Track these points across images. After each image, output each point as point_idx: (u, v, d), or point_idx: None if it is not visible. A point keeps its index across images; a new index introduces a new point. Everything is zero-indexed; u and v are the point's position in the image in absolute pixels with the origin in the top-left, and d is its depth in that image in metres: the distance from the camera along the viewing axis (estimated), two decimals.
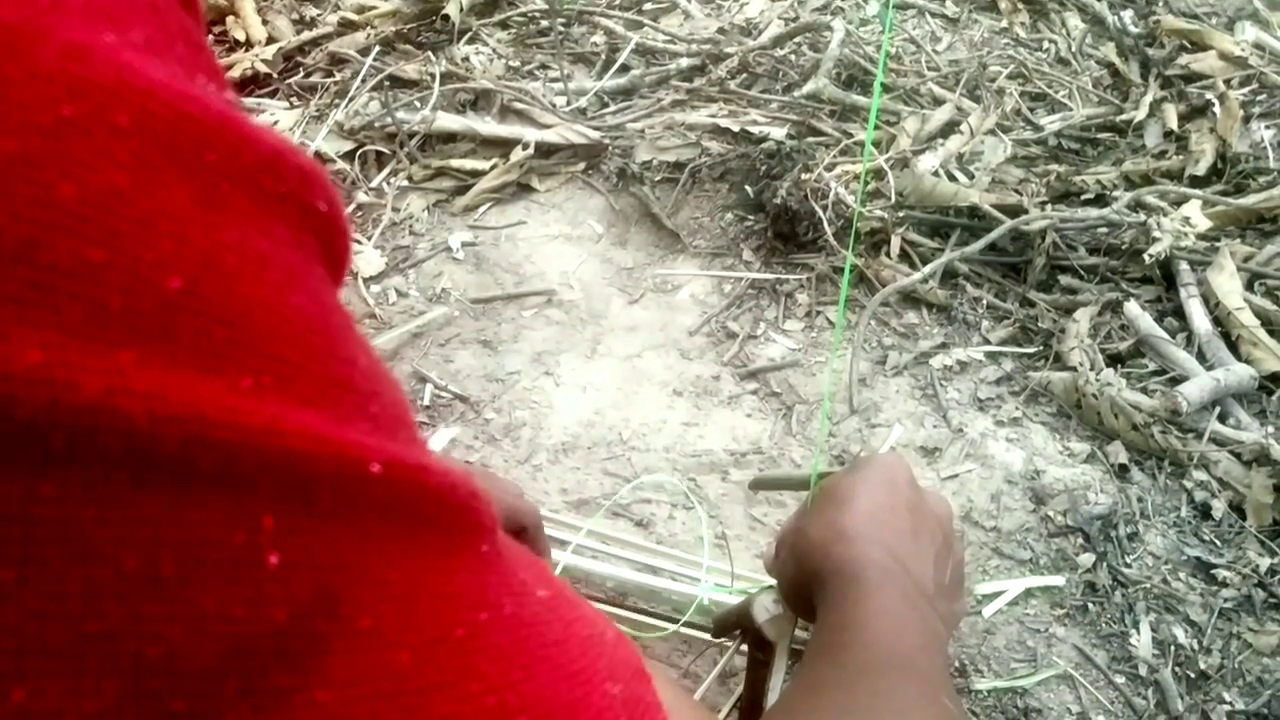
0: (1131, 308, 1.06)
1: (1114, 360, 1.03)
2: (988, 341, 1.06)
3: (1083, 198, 1.22)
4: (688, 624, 0.72)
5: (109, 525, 0.18)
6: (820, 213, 1.12)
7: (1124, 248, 1.14)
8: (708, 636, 0.73)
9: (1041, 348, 1.05)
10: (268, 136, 0.22)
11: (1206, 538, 0.88)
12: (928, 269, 1.09)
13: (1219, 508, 0.90)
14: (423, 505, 0.23)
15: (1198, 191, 1.20)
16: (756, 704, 0.66)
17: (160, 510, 0.18)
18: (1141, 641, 0.81)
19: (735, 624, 0.69)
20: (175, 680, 0.18)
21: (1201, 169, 1.24)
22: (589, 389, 0.99)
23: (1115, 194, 1.20)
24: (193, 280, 0.19)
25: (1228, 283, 1.07)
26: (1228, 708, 0.78)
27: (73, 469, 0.17)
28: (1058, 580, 0.84)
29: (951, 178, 1.21)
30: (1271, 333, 1.04)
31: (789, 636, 0.66)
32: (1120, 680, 0.79)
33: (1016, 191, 1.18)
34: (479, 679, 0.23)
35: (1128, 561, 0.86)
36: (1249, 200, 1.19)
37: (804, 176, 1.13)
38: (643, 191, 1.19)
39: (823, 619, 0.52)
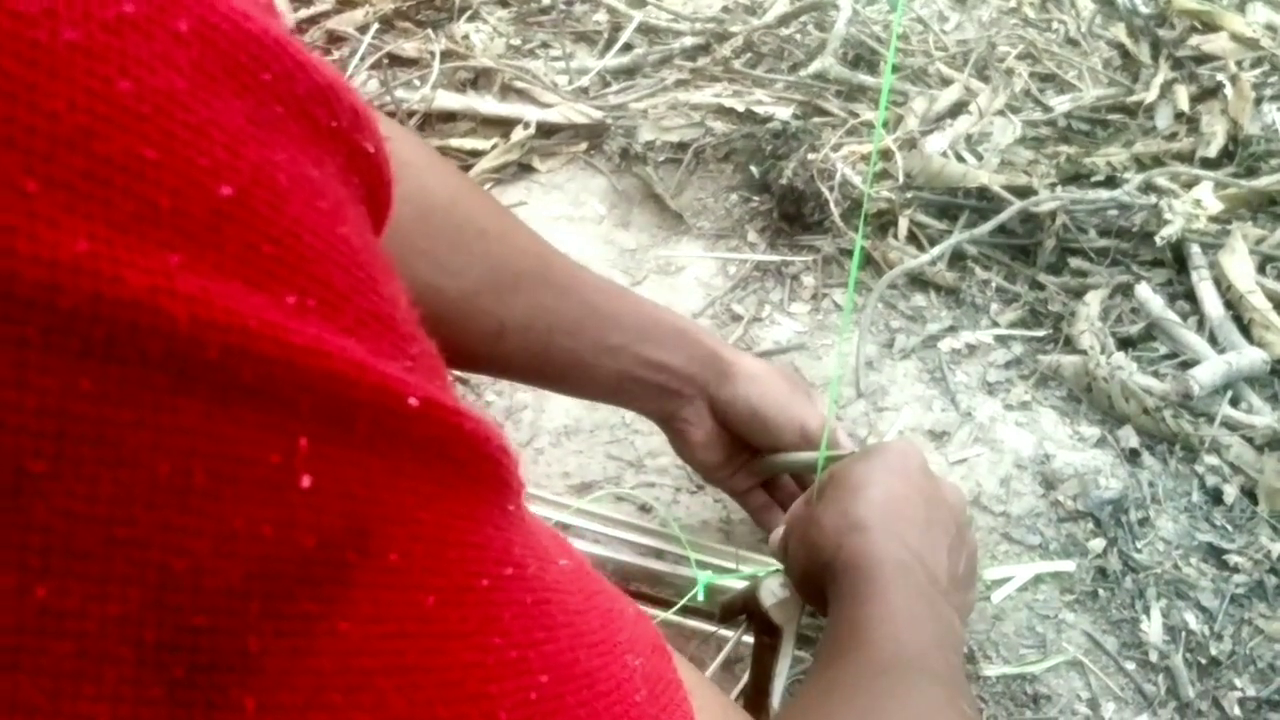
0: (1143, 290, 1.04)
1: (1125, 343, 1.02)
2: (996, 324, 1.05)
3: (1093, 179, 1.21)
4: (693, 611, 0.71)
5: (145, 429, 0.17)
6: (826, 194, 1.10)
7: (1135, 230, 1.13)
8: (710, 626, 0.72)
9: (1051, 331, 1.04)
10: (324, 69, 0.22)
11: (1218, 523, 0.87)
12: (935, 251, 1.07)
13: (1231, 493, 0.88)
14: (456, 449, 0.22)
15: (1209, 173, 1.18)
16: (763, 690, 0.65)
17: (197, 419, 0.18)
18: (1152, 627, 0.80)
19: (741, 608, 0.68)
20: (199, 595, 0.18)
21: (1213, 151, 1.22)
22: None
23: (1126, 176, 1.19)
24: (243, 191, 0.19)
25: (1240, 265, 1.06)
26: (1239, 694, 0.76)
27: (111, 366, 0.17)
28: (1068, 566, 0.83)
29: (960, 159, 1.19)
30: None
31: (796, 621, 0.65)
32: (1130, 666, 0.78)
33: (1026, 173, 1.16)
34: (502, 633, 0.23)
35: (1138, 547, 0.85)
36: (1261, 182, 1.17)
37: (810, 157, 1.12)
38: (646, 172, 1.17)
39: (836, 614, 0.51)
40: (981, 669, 0.77)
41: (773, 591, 0.65)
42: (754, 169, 1.16)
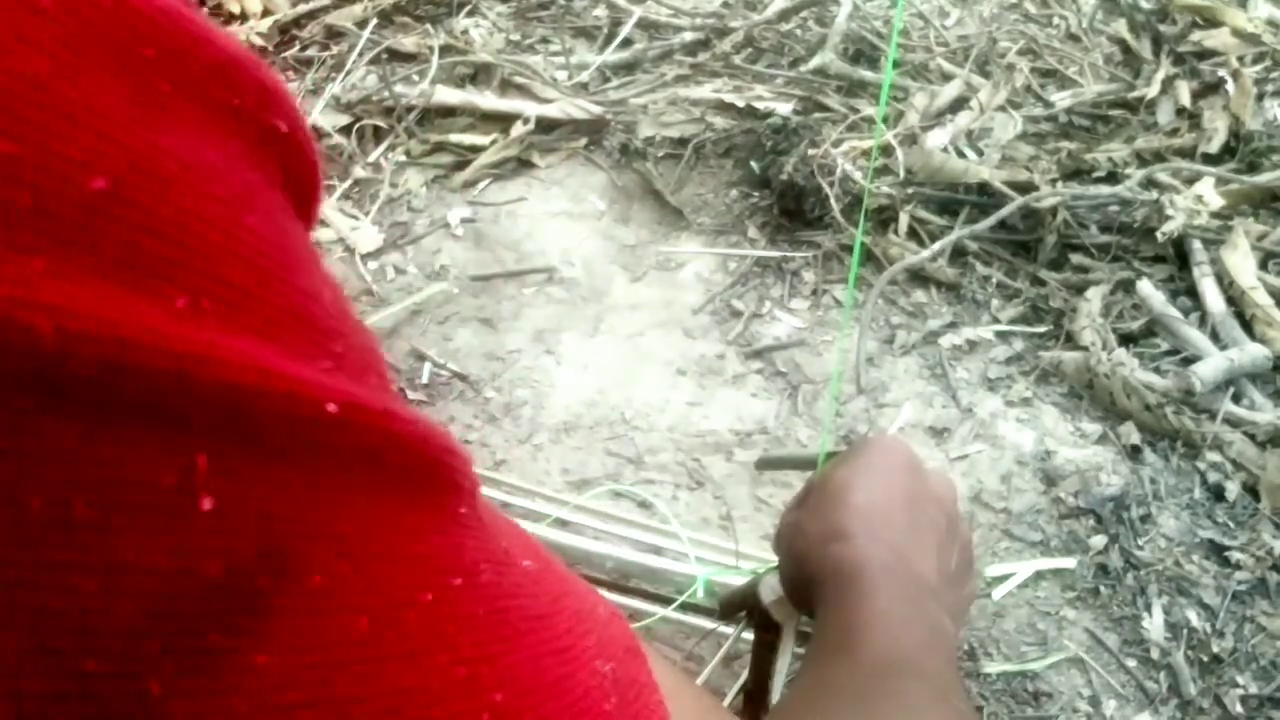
0: (1144, 286, 1.04)
1: (1126, 340, 1.01)
2: (997, 320, 1.04)
3: (1094, 175, 1.20)
4: (693, 607, 0.71)
5: (12, 458, 0.15)
6: (827, 189, 1.10)
7: (1136, 226, 1.12)
8: (709, 623, 0.71)
9: (1052, 327, 1.03)
10: (223, 42, 0.19)
11: (1220, 520, 0.86)
12: (936, 246, 1.07)
13: (1232, 489, 0.88)
14: (388, 454, 0.20)
15: (1211, 169, 1.18)
16: (763, 687, 0.65)
17: (74, 443, 0.16)
18: (1154, 624, 0.79)
19: (741, 605, 0.68)
20: (87, 638, 0.16)
21: (1214, 147, 1.21)
22: (591, 368, 0.97)
23: (1127, 171, 1.18)
24: (119, 182, 0.16)
25: (1241, 261, 1.05)
26: (1240, 691, 0.76)
27: None
28: (1069, 562, 0.83)
29: (961, 154, 1.19)
30: None
31: (796, 618, 0.65)
32: (1132, 664, 0.78)
33: (1027, 168, 1.16)
34: (448, 649, 0.21)
35: (1140, 544, 0.84)
36: (1263, 178, 1.17)
37: (810, 153, 1.11)
38: (645, 168, 1.17)
39: (823, 620, 0.51)
40: (982, 666, 0.77)
41: (772, 588, 0.64)
42: (754, 165, 1.16)
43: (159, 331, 0.16)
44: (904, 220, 1.12)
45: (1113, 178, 1.19)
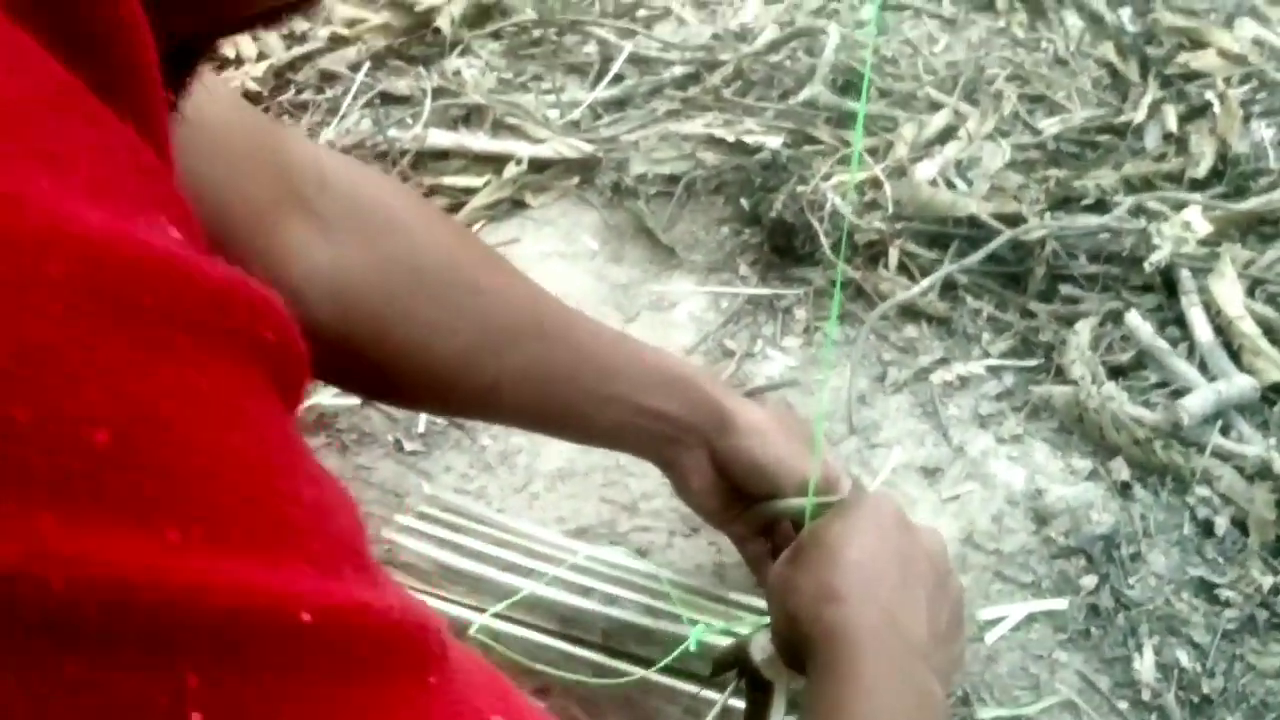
0: (1132, 318, 1.05)
1: (1116, 372, 1.02)
2: (989, 354, 1.05)
3: (1082, 203, 1.21)
4: (684, 673, 0.72)
5: (30, 693, 0.17)
6: (816, 225, 1.11)
7: (1125, 255, 1.13)
8: (695, 687, 0.72)
9: (1043, 360, 1.04)
10: (215, 272, 0.22)
11: (1209, 556, 0.87)
12: (926, 282, 1.08)
13: (1221, 524, 0.89)
14: (359, 648, 0.22)
15: (1198, 196, 1.19)
16: None
17: (81, 674, 0.18)
18: (1145, 665, 0.80)
19: (732, 663, 0.69)
20: None
21: (1201, 171, 1.22)
22: None
23: (1116, 199, 1.19)
24: (122, 433, 0.19)
25: (1229, 290, 1.06)
26: None
27: None
28: (1060, 604, 0.84)
29: (950, 185, 1.20)
30: (1273, 341, 1.03)
31: (787, 676, 0.66)
32: (1124, 706, 0.79)
33: (1015, 199, 1.17)
34: None
35: (1130, 583, 0.85)
36: (1249, 204, 1.18)
37: (799, 189, 1.12)
38: (637, 206, 1.18)
39: (814, 688, 0.52)
40: (975, 712, 0.78)
41: (763, 647, 0.65)
42: (744, 202, 1.17)
43: (155, 566, 0.18)
44: (894, 255, 1.13)
45: (1101, 205, 1.20)
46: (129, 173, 0.22)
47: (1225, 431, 0.96)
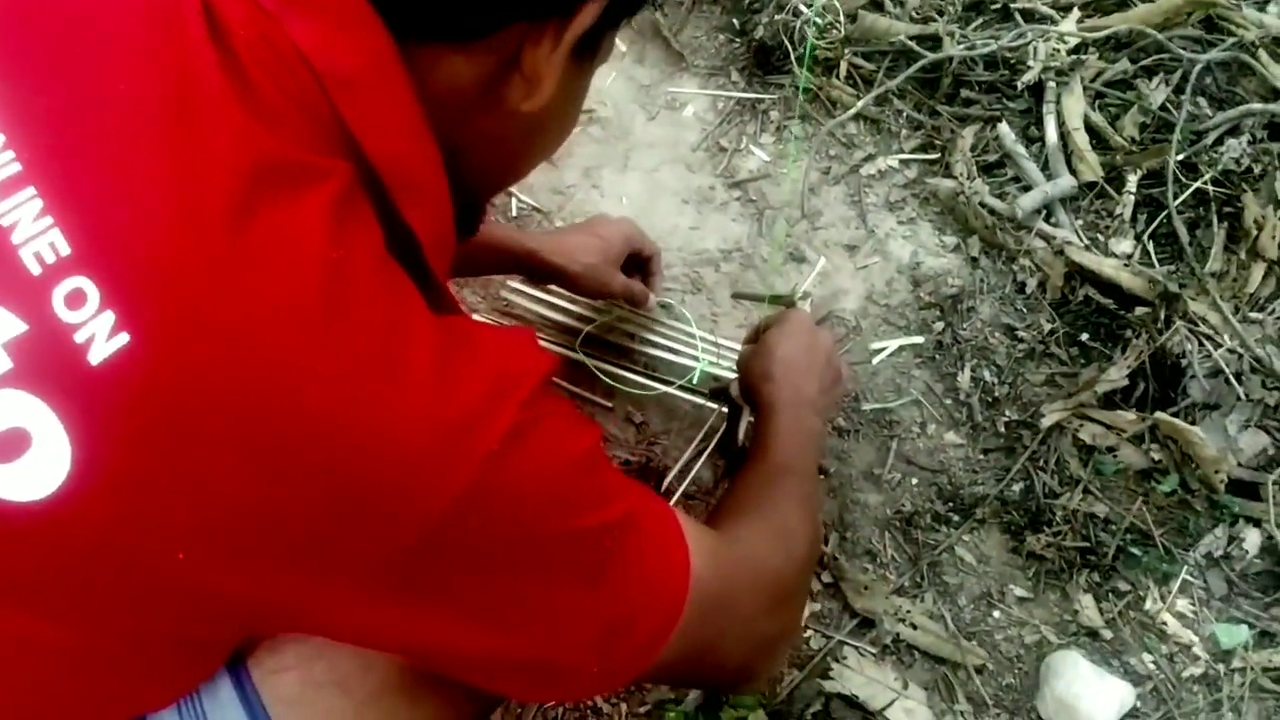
0: (1002, 128, 1.49)
1: (986, 169, 1.49)
2: (903, 150, 1.51)
3: (993, 6, 1.60)
4: (693, 390, 1.25)
5: None
6: (788, 44, 1.51)
7: (1012, 62, 1.55)
8: (700, 400, 1.27)
9: (939, 155, 1.50)
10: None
11: (1018, 308, 1.40)
12: (872, 95, 1.50)
13: (1031, 285, 1.41)
14: None
15: (1078, 12, 1.58)
16: (733, 437, 1.22)
17: None
18: (964, 379, 1.35)
19: (722, 393, 1.23)
20: None
21: None
22: (624, 199, 1.45)
23: (1015, 4, 1.58)
24: None
25: (1075, 105, 1.50)
26: (1005, 418, 1.33)
27: None
28: (919, 340, 1.37)
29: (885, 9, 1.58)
30: (1103, 147, 1.48)
31: (748, 407, 1.20)
32: (949, 403, 1.34)
33: (933, 17, 1.56)
34: None
35: (964, 327, 1.38)
36: (1113, 19, 1.57)
37: (777, 18, 1.51)
38: (655, 17, 1.56)
39: (756, 423, 1.04)
40: (861, 405, 1.34)
41: (735, 388, 1.20)
42: (735, 21, 1.55)
43: None
44: (844, 67, 1.54)
45: (1005, 12, 1.59)
46: None
47: (1049, 219, 1.45)
